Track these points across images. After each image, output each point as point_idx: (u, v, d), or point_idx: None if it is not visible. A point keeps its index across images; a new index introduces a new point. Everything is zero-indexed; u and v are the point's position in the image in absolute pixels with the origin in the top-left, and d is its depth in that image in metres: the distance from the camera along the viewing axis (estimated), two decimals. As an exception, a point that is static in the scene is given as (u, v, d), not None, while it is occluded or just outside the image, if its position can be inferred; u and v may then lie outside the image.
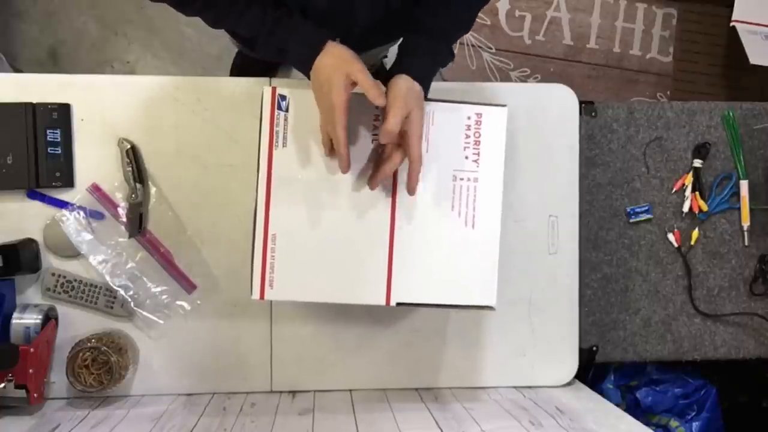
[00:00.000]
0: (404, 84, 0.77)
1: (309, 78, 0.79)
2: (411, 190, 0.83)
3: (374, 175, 0.83)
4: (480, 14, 0.87)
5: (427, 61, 0.81)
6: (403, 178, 0.85)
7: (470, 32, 1.82)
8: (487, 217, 0.87)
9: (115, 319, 0.99)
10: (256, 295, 0.83)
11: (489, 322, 1.05)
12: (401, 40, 0.83)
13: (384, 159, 0.81)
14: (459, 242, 0.86)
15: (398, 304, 0.85)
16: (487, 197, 0.87)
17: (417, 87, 0.78)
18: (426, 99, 0.82)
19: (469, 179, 0.86)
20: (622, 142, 1.19)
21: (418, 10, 0.82)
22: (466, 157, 0.87)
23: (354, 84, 0.76)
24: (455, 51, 0.85)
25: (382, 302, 0.85)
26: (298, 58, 0.79)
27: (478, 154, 0.87)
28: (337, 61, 0.76)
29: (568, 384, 1.08)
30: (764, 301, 1.21)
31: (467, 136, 0.87)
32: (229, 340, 1.01)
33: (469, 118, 0.87)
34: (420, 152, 0.79)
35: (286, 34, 0.78)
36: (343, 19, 0.83)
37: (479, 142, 0.87)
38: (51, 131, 0.96)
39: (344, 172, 0.80)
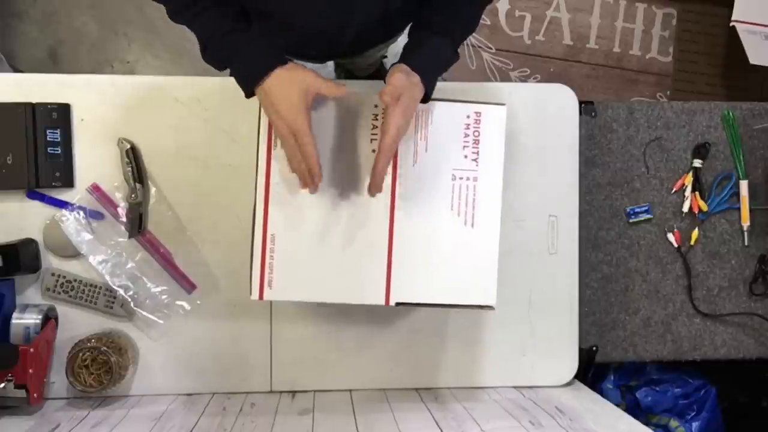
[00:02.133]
0: (401, 75, 0.76)
1: (247, 97, 0.78)
2: (373, 187, 0.79)
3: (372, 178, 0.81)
4: (480, 14, 0.87)
5: (429, 55, 0.80)
6: (403, 177, 0.85)
7: (470, 32, 1.82)
8: (486, 217, 0.87)
9: (115, 319, 0.99)
10: (255, 295, 0.83)
11: (489, 322, 1.05)
12: (407, 40, 0.83)
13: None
14: (458, 242, 0.86)
15: (398, 303, 0.85)
16: (487, 196, 0.87)
17: (415, 78, 0.77)
18: (431, 98, 0.82)
19: (468, 178, 0.86)
20: (622, 142, 1.19)
21: (424, 9, 0.82)
22: (465, 156, 0.86)
23: (312, 100, 0.76)
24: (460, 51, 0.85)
25: (382, 302, 0.85)
26: (241, 76, 0.77)
27: (477, 153, 0.87)
28: (290, 80, 0.74)
29: (568, 384, 1.08)
30: (764, 301, 1.21)
31: (466, 135, 0.87)
32: (229, 340, 1.01)
33: (468, 116, 0.87)
34: (392, 143, 0.76)
35: (234, 48, 0.76)
36: (341, 18, 0.83)
37: (478, 141, 0.87)
38: (51, 131, 0.96)
39: (313, 191, 0.79)
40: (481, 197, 0.87)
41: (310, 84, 0.76)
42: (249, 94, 0.77)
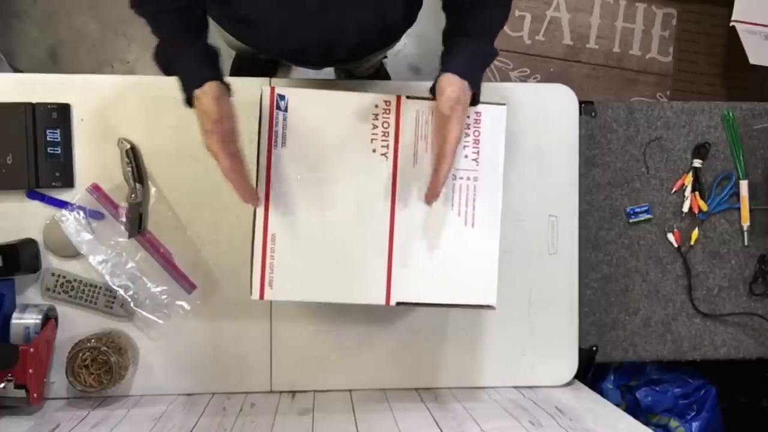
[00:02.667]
0: (456, 87, 0.77)
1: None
2: (432, 195, 0.81)
3: (433, 184, 0.81)
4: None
5: (473, 59, 0.80)
6: (403, 177, 0.85)
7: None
8: (486, 216, 0.86)
9: (115, 319, 0.99)
10: (255, 295, 0.83)
11: (489, 322, 1.05)
12: (443, 47, 0.83)
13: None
14: (459, 241, 0.86)
15: (398, 303, 0.85)
16: (487, 196, 0.87)
17: (465, 84, 0.78)
18: (478, 101, 0.83)
19: (468, 178, 0.86)
20: (622, 142, 1.19)
21: (450, 15, 0.82)
22: (466, 156, 0.86)
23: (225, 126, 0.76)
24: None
25: (382, 302, 0.85)
26: (180, 85, 0.79)
27: (478, 152, 0.87)
28: (199, 107, 0.76)
29: (568, 384, 1.08)
30: (764, 301, 1.20)
31: (466, 135, 0.86)
32: (229, 340, 1.01)
33: (468, 116, 0.87)
34: (453, 151, 0.77)
35: (174, 57, 0.79)
36: (334, 30, 0.82)
37: (479, 140, 0.87)
38: (51, 131, 0.96)
39: (255, 205, 0.80)
40: (481, 197, 0.86)
41: (208, 114, 0.76)
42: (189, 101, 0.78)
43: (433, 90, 0.81)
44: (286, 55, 0.92)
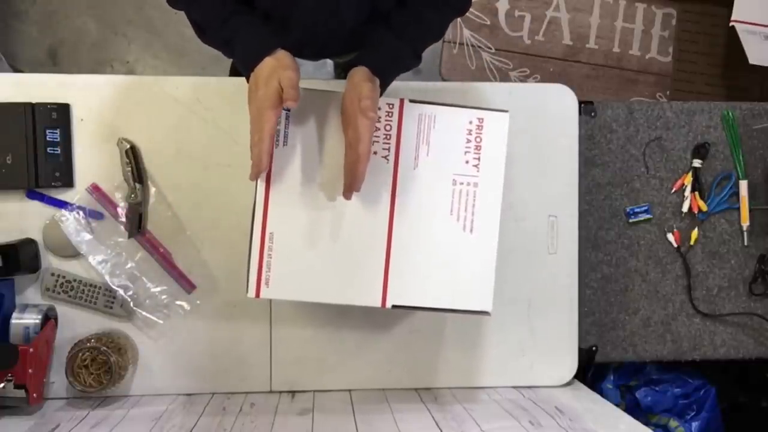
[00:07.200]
0: (371, 84, 0.76)
1: (247, 80, 0.77)
2: (353, 190, 0.78)
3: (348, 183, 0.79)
4: (479, 14, 0.88)
5: (391, 59, 0.81)
6: (403, 180, 0.85)
7: (470, 32, 1.82)
8: (485, 222, 0.86)
9: (114, 319, 0.99)
10: (251, 293, 0.83)
11: (488, 322, 1.05)
12: (369, 38, 0.83)
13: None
14: (456, 246, 0.86)
15: (394, 306, 0.85)
16: (486, 202, 0.86)
17: (377, 81, 0.78)
18: (382, 95, 0.82)
19: (468, 184, 0.86)
20: (622, 142, 1.19)
21: (393, 9, 0.83)
22: (467, 162, 0.86)
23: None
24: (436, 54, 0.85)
25: (378, 304, 0.84)
26: (242, 58, 0.77)
27: (479, 159, 0.87)
28: (271, 72, 0.74)
29: (568, 384, 1.08)
30: (764, 301, 1.21)
31: (468, 141, 0.86)
32: (228, 340, 1.01)
33: (470, 122, 0.87)
34: (370, 149, 0.76)
35: (236, 29, 0.77)
36: (330, 19, 0.83)
37: (480, 147, 0.87)
38: (50, 131, 0.96)
39: (252, 178, 0.76)
40: (480, 203, 0.86)
41: (282, 78, 0.74)
42: (248, 77, 0.77)
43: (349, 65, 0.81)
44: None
